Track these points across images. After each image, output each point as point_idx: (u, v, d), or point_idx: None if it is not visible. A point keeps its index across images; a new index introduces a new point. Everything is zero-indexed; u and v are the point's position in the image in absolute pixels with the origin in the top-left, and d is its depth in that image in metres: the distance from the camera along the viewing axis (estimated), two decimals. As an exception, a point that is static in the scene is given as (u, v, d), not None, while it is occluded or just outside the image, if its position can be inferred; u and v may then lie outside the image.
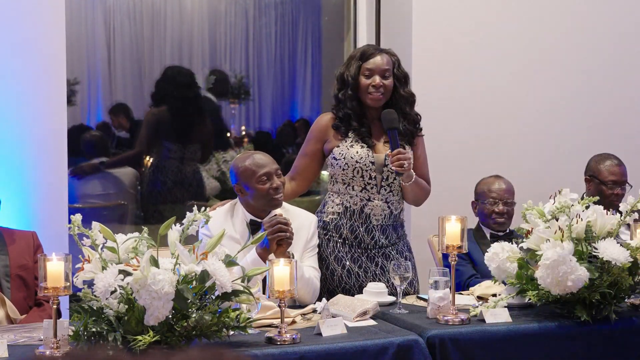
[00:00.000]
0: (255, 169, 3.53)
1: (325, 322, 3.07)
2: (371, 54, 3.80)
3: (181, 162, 6.17)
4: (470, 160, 4.98)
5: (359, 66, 3.78)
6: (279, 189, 3.54)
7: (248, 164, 3.55)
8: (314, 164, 3.90)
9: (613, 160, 4.48)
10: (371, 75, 3.77)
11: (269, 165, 3.55)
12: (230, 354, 1.31)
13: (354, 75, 3.77)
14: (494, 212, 4.20)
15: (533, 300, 3.29)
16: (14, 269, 3.57)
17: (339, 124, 3.80)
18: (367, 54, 3.80)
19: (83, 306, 2.74)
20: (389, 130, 3.70)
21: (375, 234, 3.79)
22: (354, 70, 3.78)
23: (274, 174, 3.54)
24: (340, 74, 3.83)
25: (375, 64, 3.78)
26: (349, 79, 3.78)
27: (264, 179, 3.52)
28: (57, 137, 4.32)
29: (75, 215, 2.84)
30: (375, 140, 3.80)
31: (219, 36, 7.41)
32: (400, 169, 3.65)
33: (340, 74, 3.82)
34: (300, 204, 3.93)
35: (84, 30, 6.97)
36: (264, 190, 3.52)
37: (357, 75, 3.77)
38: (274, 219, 3.45)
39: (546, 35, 5.18)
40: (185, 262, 2.75)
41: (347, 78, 3.79)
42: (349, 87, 3.77)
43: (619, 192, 4.40)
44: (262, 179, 3.52)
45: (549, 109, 5.20)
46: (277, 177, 3.55)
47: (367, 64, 3.78)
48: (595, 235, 3.29)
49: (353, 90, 3.77)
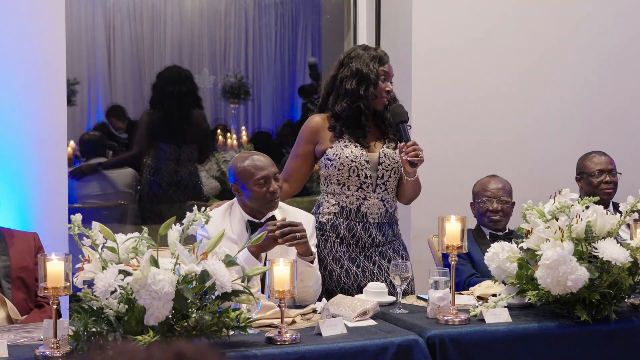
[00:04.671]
0: (254, 171, 3.51)
1: (325, 322, 3.07)
2: (386, 60, 3.83)
3: (177, 163, 6.16)
4: (470, 161, 4.98)
5: (378, 68, 3.79)
6: (276, 192, 3.53)
7: (246, 165, 3.53)
8: (305, 166, 3.90)
9: (596, 153, 4.64)
10: (386, 80, 3.81)
11: (267, 169, 3.52)
12: (191, 348, 1.31)
13: (377, 75, 3.78)
14: (488, 210, 4.22)
15: (533, 300, 3.29)
16: (15, 270, 3.56)
17: (335, 124, 3.79)
18: (384, 59, 3.82)
19: (83, 306, 2.74)
20: (399, 123, 3.73)
21: (372, 232, 3.80)
22: (375, 70, 3.78)
23: (272, 178, 3.52)
24: (358, 70, 3.77)
25: (389, 69, 3.84)
26: (372, 78, 3.76)
27: (261, 182, 3.50)
28: (57, 137, 4.32)
29: (75, 215, 2.84)
30: (369, 140, 3.81)
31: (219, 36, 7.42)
32: (417, 159, 3.66)
33: (359, 70, 3.77)
34: (299, 204, 3.94)
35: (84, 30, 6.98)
36: (260, 194, 3.51)
37: (378, 77, 3.78)
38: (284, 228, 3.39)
39: (547, 35, 5.18)
40: (185, 262, 2.75)
41: (368, 76, 3.76)
42: (372, 85, 3.76)
43: (609, 180, 4.50)
44: (259, 182, 3.50)
45: (549, 109, 5.20)
46: (275, 180, 3.53)
47: (383, 67, 3.81)
48: (595, 235, 3.29)
49: (374, 89, 3.77)
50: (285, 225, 3.41)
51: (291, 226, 3.41)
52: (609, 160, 4.57)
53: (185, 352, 1.30)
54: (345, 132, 3.78)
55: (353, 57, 3.82)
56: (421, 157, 3.69)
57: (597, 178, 4.53)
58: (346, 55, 3.86)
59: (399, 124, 3.74)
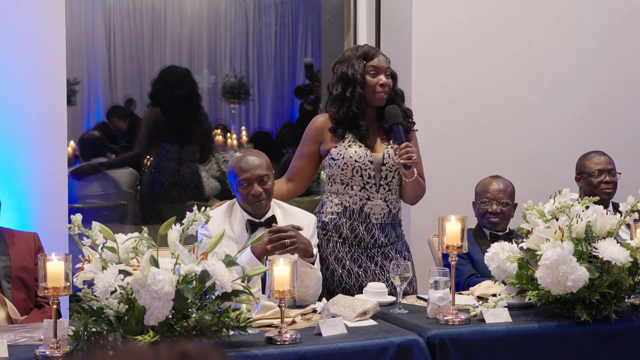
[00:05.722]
0: (238, 172, 3.52)
1: (325, 322, 3.07)
2: (373, 54, 3.81)
3: (179, 162, 6.16)
4: (470, 160, 4.98)
5: (364, 65, 3.78)
6: (258, 196, 3.51)
7: (233, 166, 3.56)
8: (310, 165, 3.90)
9: (596, 153, 4.63)
10: (377, 74, 3.78)
11: (251, 171, 3.50)
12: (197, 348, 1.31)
13: (362, 74, 3.77)
14: (487, 212, 4.22)
15: (533, 300, 3.29)
16: (15, 270, 3.56)
17: (336, 127, 3.79)
18: (370, 54, 3.80)
19: (83, 306, 2.74)
20: (394, 125, 3.71)
21: (375, 233, 3.79)
22: (360, 69, 3.78)
23: (255, 181, 3.50)
24: (343, 73, 3.79)
25: (380, 62, 3.79)
26: (356, 77, 3.76)
27: (243, 184, 3.51)
28: (57, 137, 4.32)
29: (76, 215, 2.84)
30: (372, 140, 3.80)
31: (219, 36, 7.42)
32: (409, 161, 3.66)
33: (344, 73, 3.79)
34: (300, 204, 3.93)
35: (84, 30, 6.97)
36: (243, 195, 3.53)
37: (364, 74, 3.77)
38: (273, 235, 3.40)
39: (547, 35, 5.18)
40: (185, 262, 2.75)
41: (353, 77, 3.76)
42: (358, 85, 3.76)
43: (608, 180, 4.50)
44: (242, 184, 3.51)
45: (549, 109, 5.20)
46: (259, 183, 3.51)
47: (372, 62, 3.78)
48: (595, 235, 3.29)
49: (362, 88, 3.77)
50: (273, 231, 3.41)
51: (280, 232, 3.40)
52: (608, 160, 4.57)
53: (191, 352, 1.30)
54: (348, 133, 3.79)
55: (341, 62, 3.84)
56: (414, 159, 3.67)
57: (596, 178, 4.53)
58: (336, 61, 3.87)
59: (392, 125, 3.73)
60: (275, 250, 3.37)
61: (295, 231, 3.43)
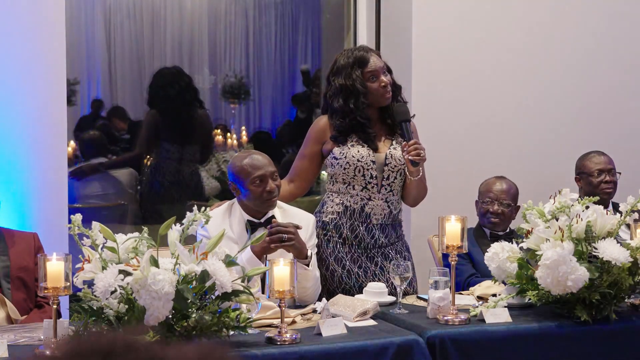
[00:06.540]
0: (251, 170, 3.51)
1: (325, 322, 3.07)
2: (367, 58, 3.77)
3: (179, 162, 6.16)
4: (471, 160, 4.98)
5: (362, 73, 3.77)
6: (273, 192, 3.52)
7: (244, 164, 3.54)
8: (312, 166, 3.90)
9: (595, 152, 4.63)
10: (377, 77, 3.76)
11: (264, 168, 3.52)
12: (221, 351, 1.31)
13: (362, 83, 3.75)
14: (488, 212, 4.22)
15: (533, 300, 3.29)
16: (15, 270, 3.56)
17: (338, 136, 3.78)
18: (364, 59, 3.77)
19: (83, 306, 2.74)
20: (402, 122, 3.71)
21: (375, 233, 3.79)
22: (358, 78, 3.75)
23: (269, 177, 3.51)
24: (341, 85, 3.75)
25: (375, 64, 3.78)
26: (357, 88, 3.73)
27: (257, 181, 3.51)
28: (57, 137, 4.32)
29: (76, 215, 2.84)
30: (376, 140, 3.80)
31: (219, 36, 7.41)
32: (418, 157, 3.65)
33: (342, 85, 3.75)
34: (300, 204, 3.93)
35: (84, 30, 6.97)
36: (257, 192, 3.51)
37: (364, 82, 3.76)
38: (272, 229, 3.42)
39: (547, 35, 5.18)
40: (185, 262, 2.75)
41: (354, 87, 3.73)
42: (361, 95, 3.73)
43: (608, 180, 4.50)
44: (256, 180, 3.51)
45: (549, 109, 5.20)
46: (272, 180, 3.52)
47: (367, 67, 3.76)
48: (595, 235, 3.29)
49: (365, 97, 3.75)
50: (273, 226, 3.42)
51: (279, 227, 3.42)
52: (608, 160, 4.57)
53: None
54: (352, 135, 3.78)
55: (336, 72, 3.80)
56: (423, 156, 3.68)
57: (596, 178, 4.52)
58: (330, 71, 3.84)
59: (401, 122, 3.73)
60: (272, 243, 3.38)
61: (294, 229, 3.44)
